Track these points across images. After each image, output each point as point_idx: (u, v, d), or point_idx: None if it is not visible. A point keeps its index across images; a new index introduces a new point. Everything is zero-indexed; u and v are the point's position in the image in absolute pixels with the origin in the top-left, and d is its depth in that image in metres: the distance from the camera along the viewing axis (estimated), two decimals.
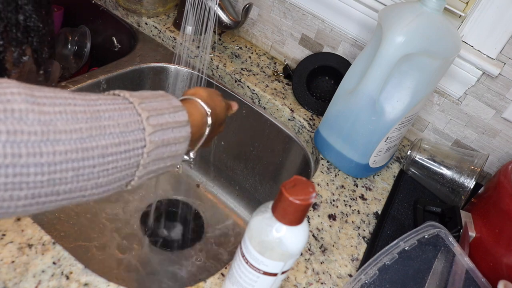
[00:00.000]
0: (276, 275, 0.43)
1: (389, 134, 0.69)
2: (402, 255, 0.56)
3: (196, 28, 0.93)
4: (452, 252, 0.59)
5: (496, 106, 0.77)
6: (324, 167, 0.76)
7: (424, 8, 0.61)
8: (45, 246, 0.51)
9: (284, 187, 0.38)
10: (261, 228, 0.41)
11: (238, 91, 0.90)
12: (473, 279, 0.57)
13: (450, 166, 0.74)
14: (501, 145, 0.80)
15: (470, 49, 0.75)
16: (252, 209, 0.96)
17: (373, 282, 0.55)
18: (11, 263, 0.49)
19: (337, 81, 0.76)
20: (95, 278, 0.50)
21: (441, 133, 0.85)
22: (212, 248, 0.88)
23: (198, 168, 1.00)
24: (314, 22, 0.89)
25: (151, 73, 0.89)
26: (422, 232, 0.59)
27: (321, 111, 0.86)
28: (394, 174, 0.79)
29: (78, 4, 1.06)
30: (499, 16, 0.70)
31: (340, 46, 0.88)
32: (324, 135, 0.75)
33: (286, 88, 0.90)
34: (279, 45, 0.96)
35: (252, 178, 0.94)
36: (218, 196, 0.98)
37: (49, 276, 0.49)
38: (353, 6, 0.82)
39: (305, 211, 0.40)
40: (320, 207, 0.68)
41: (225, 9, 0.87)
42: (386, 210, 0.71)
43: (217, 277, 0.54)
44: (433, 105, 0.83)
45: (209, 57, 0.91)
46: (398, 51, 0.61)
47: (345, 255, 0.62)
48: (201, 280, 0.53)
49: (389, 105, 0.66)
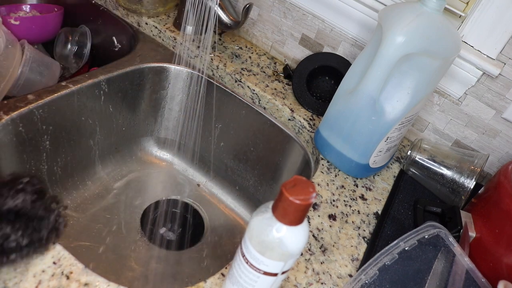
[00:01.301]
0: (276, 275, 0.43)
1: (389, 134, 0.69)
2: (402, 255, 0.56)
3: (196, 28, 0.93)
4: (452, 252, 0.59)
5: (496, 106, 0.77)
6: (324, 167, 0.76)
7: (424, 8, 0.61)
8: None
9: (284, 187, 0.38)
10: (261, 228, 0.41)
11: (238, 91, 0.90)
12: (473, 279, 0.57)
13: (450, 166, 0.74)
14: (501, 145, 0.80)
15: (470, 49, 0.75)
16: (252, 209, 0.96)
17: (373, 282, 0.55)
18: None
19: (337, 81, 0.76)
20: (95, 278, 0.50)
21: (441, 133, 0.85)
22: (212, 248, 0.88)
23: (198, 168, 1.00)
24: (314, 22, 0.89)
25: (151, 73, 0.89)
26: (422, 232, 0.59)
27: (321, 111, 0.86)
28: (394, 174, 0.79)
29: (78, 4, 1.06)
30: (499, 16, 0.70)
31: (340, 46, 0.88)
32: (324, 135, 0.75)
33: (286, 88, 0.90)
34: (279, 45, 0.96)
35: (252, 178, 0.94)
36: (218, 196, 0.98)
37: (49, 276, 0.49)
38: (353, 6, 0.82)
39: (305, 211, 0.40)
40: (320, 207, 0.68)
41: (225, 9, 0.87)
42: (386, 210, 0.71)
43: (217, 277, 0.54)
44: (433, 105, 0.83)
45: (209, 57, 0.91)
46: (398, 51, 0.61)
47: (345, 255, 0.62)
48: (201, 280, 0.53)
49: (389, 105, 0.66)
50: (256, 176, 0.93)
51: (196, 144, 0.97)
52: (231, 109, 0.90)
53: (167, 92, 0.94)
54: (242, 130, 0.91)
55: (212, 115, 0.92)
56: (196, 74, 0.90)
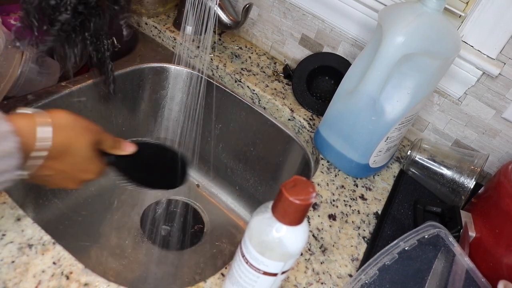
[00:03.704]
0: (276, 275, 0.43)
1: (389, 134, 0.69)
2: (402, 255, 0.56)
3: (196, 28, 0.92)
4: (452, 252, 0.59)
5: (496, 106, 0.77)
6: (324, 167, 0.76)
7: (424, 8, 0.61)
8: (45, 246, 0.51)
9: (284, 187, 0.38)
10: (261, 228, 0.41)
11: (238, 91, 0.90)
12: (473, 279, 0.57)
13: (450, 166, 0.74)
14: (501, 145, 0.80)
15: (470, 49, 0.75)
16: (252, 209, 0.96)
17: (373, 282, 0.55)
18: (11, 263, 0.49)
19: (337, 81, 0.76)
20: (95, 278, 0.50)
21: (441, 133, 0.85)
22: (212, 248, 0.88)
23: (198, 168, 1.00)
24: (314, 22, 0.89)
25: (151, 73, 0.89)
26: (422, 232, 0.59)
27: (321, 111, 0.86)
28: (394, 174, 0.79)
29: None
30: (499, 16, 0.70)
31: (340, 46, 0.88)
32: (324, 135, 0.75)
33: (286, 88, 0.90)
34: (279, 45, 0.96)
35: (252, 178, 0.94)
36: (218, 196, 0.98)
37: (49, 276, 0.49)
38: (353, 6, 0.82)
39: (305, 211, 0.40)
40: (320, 207, 0.68)
41: (225, 9, 0.87)
42: (386, 210, 0.71)
43: (217, 277, 0.54)
44: (433, 105, 0.83)
45: (209, 57, 0.91)
46: (398, 51, 0.61)
47: (345, 255, 0.62)
48: (201, 280, 0.53)
49: (389, 105, 0.66)
50: (256, 176, 0.93)
51: (196, 144, 0.97)
52: (231, 109, 0.90)
53: (167, 92, 0.94)
54: (242, 130, 0.91)
55: (212, 115, 0.92)
56: (196, 74, 0.90)
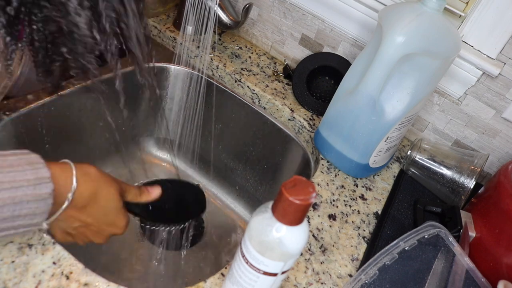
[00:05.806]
0: (276, 275, 0.43)
1: (389, 134, 0.69)
2: (402, 255, 0.56)
3: (196, 28, 0.93)
4: (452, 252, 0.59)
5: (496, 106, 0.77)
6: (324, 167, 0.76)
7: (424, 8, 0.61)
8: (45, 246, 0.51)
9: (284, 187, 0.38)
10: (261, 228, 0.41)
11: (238, 91, 0.90)
12: (473, 279, 0.57)
13: (450, 166, 0.74)
14: (501, 145, 0.80)
15: (470, 49, 0.75)
16: (252, 209, 0.96)
17: (373, 282, 0.55)
18: (11, 263, 0.49)
19: (337, 81, 0.76)
20: (95, 278, 0.50)
21: (441, 133, 0.85)
22: (212, 248, 0.88)
23: (198, 168, 1.00)
24: (314, 22, 0.89)
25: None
26: (422, 232, 0.59)
27: (321, 111, 0.86)
28: (394, 174, 0.79)
29: None
30: (499, 16, 0.70)
31: (340, 46, 0.88)
32: (324, 135, 0.75)
33: (286, 88, 0.90)
34: (279, 45, 0.96)
35: (252, 178, 0.94)
36: (218, 196, 0.98)
37: (49, 276, 0.49)
38: (353, 6, 0.82)
39: (305, 211, 0.39)
40: (320, 207, 0.68)
41: (225, 9, 0.87)
42: (386, 210, 0.71)
43: (217, 277, 0.54)
44: (433, 105, 0.83)
45: (209, 57, 0.91)
46: (398, 51, 0.61)
47: (345, 255, 0.62)
48: (201, 280, 0.53)
49: (389, 105, 0.66)
50: (256, 176, 0.93)
51: (196, 144, 0.97)
52: (231, 109, 0.90)
53: (167, 92, 0.94)
54: (242, 130, 0.91)
55: (212, 115, 0.92)
56: (196, 74, 0.90)
